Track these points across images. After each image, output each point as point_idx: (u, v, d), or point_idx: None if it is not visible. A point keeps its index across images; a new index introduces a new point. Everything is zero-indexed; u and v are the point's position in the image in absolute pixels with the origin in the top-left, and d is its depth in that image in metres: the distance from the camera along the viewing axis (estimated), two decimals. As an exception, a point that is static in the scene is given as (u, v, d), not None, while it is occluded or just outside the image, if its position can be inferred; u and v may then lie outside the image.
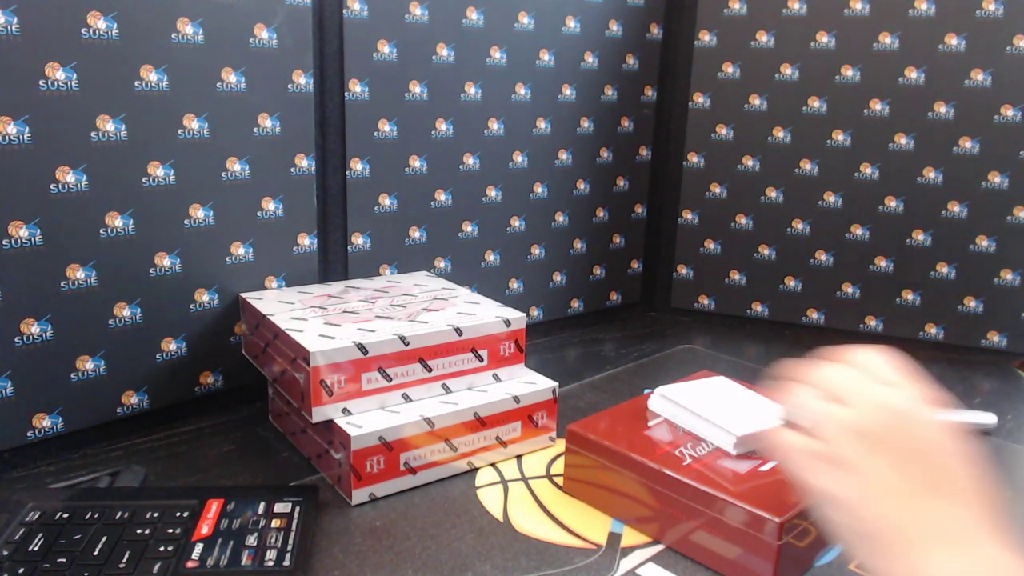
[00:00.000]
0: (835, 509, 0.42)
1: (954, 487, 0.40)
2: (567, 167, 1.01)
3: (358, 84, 0.81)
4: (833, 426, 0.44)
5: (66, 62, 0.63)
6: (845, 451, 0.42)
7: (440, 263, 0.92)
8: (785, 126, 1.02)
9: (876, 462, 0.41)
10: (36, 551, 0.51)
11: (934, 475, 0.41)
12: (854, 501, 0.41)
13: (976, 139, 0.94)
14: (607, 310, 1.11)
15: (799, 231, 1.04)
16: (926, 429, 0.42)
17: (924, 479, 0.40)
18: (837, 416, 0.44)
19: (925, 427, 0.42)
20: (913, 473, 0.40)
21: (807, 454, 0.44)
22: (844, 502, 0.42)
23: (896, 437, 0.42)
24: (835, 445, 0.43)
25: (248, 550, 0.52)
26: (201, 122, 0.71)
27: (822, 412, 0.44)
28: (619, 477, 0.61)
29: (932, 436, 0.42)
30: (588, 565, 0.56)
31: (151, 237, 0.71)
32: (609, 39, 1.00)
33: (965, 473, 0.41)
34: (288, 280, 0.81)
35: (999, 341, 0.97)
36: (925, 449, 0.41)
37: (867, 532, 0.40)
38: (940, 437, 0.42)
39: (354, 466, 0.61)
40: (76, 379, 0.68)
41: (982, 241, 0.96)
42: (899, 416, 0.42)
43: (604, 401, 0.83)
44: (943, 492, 0.40)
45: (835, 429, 0.43)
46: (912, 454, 0.41)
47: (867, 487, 0.41)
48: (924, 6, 0.93)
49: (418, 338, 0.67)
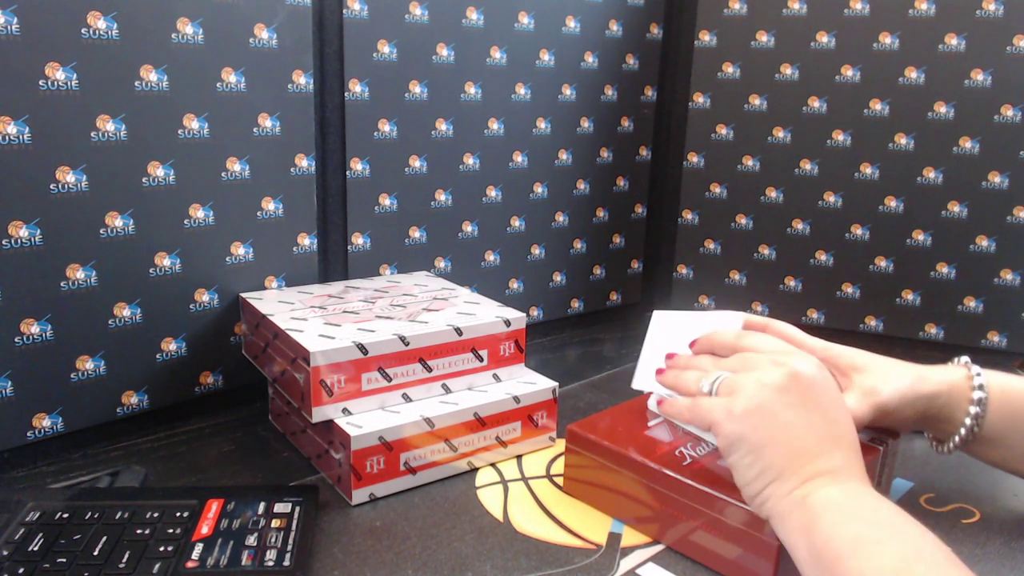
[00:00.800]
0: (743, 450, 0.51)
1: (840, 437, 0.51)
2: (567, 167, 1.01)
3: (358, 84, 0.81)
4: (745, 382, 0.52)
5: (66, 62, 0.63)
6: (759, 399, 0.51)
7: (440, 263, 0.92)
8: (785, 126, 1.02)
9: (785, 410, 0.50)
10: (36, 551, 0.51)
11: (828, 426, 0.50)
12: (762, 442, 0.50)
13: (976, 139, 0.94)
14: (607, 310, 1.11)
15: (799, 231, 1.04)
16: (824, 387, 0.52)
17: (821, 428, 0.50)
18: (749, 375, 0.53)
19: (823, 385, 0.52)
20: (814, 422, 0.50)
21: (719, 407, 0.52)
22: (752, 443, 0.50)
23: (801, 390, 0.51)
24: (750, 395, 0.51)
25: (248, 550, 0.52)
26: (201, 122, 0.71)
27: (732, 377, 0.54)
28: (619, 477, 0.61)
29: (829, 392, 0.52)
30: (588, 565, 0.56)
31: (151, 237, 0.71)
32: (609, 39, 1.00)
33: (845, 424, 0.52)
34: (288, 280, 0.81)
35: (999, 341, 0.97)
36: (823, 403, 0.51)
37: (767, 469, 0.49)
38: (833, 393, 0.52)
39: (354, 466, 0.61)
40: (76, 379, 0.68)
41: (982, 241, 0.96)
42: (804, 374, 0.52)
43: (604, 401, 0.83)
44: (833, 440, 0.50)
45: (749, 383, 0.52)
46: (814, 405, 0.51)
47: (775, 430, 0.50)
48: (924, 6, 0.93)
49: (418, 338, 0.67)
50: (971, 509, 0.64)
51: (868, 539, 0.44)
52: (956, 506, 0.65)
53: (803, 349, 0.59)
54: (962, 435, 0.59)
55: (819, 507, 0.47)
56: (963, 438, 0.59)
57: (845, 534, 0.45)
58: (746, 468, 0.51)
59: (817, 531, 0.46)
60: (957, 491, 0.67)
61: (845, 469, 0.49)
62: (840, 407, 0.52)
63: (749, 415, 0.51)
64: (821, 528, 0.46)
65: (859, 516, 0.46)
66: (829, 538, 0.45)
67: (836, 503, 0.47)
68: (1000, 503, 0.65)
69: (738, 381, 0.53)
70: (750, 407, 0.51)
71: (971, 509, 0.64)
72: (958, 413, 0.59)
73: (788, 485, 0.49)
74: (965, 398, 0.59)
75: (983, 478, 0.69)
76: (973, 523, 0.62)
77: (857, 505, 0.47)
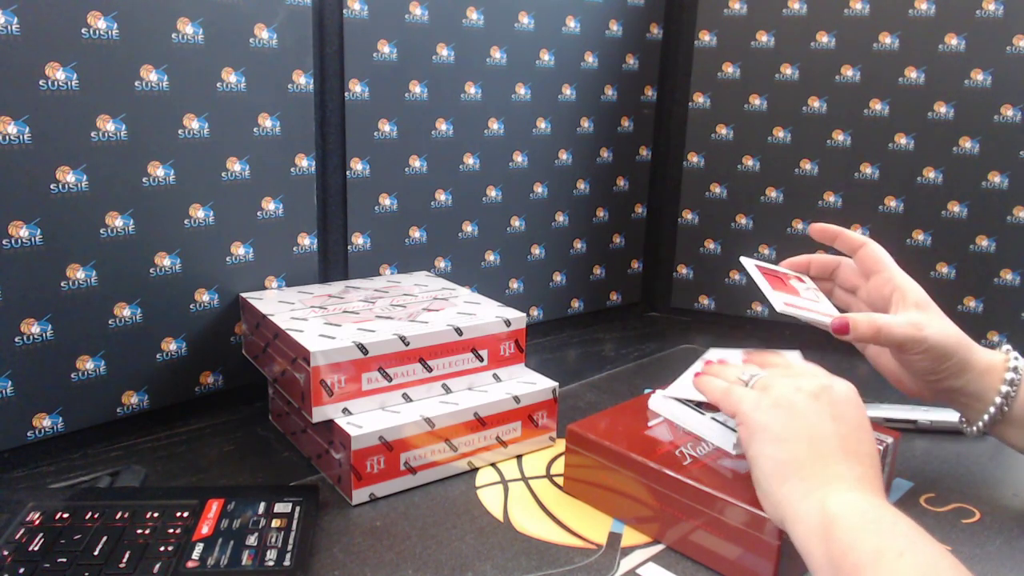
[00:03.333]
0: (766, 441, 0.51)
1: (864, 454, 0.50)
2: (567, 167, 1.01)
3: (358, 84, 0.81)
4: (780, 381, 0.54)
5: (66, 62, 0.63)
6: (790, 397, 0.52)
7: (440, 263, 0.92)
8: (785, 126, 1.02)
9: (813, 415, 0.51)
10: (36, 551, 0.51)
11: (851, 441, 0.51)
12: (787, 436, 0.51)
13: (976, 139, 0.94)
14: (607, 310, 1.12)
15: (799, 231, 1.04)
16: (854, 406, 0.53)
17: (845, 440, 0.50)
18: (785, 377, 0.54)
19: (853, 404, 0.53)
20: (840, 432, 0.51)
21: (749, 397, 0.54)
22: (775, 435, 0.51)
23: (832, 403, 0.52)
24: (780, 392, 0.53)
25: (248, 550, 0.52)
26: (201, 122, 0.71)
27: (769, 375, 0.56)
28: (619, 477, 0.61)
29: (857, 412, 0.53)
30: (588, 565, 0.56)
31: (151, 237, 0.71)
32: (609, 39, 1.00)
33: (870, 445, 0.51)
34: (288, 280, 0.81)
35: (999, 341, 0.97)
36: (850, 419, 0.52)
37: (787, 464, 0.50)
38: (861, 413, 0.53)
39: (354, 466, 0.61)
40: (76, 379, 0.68)
41: (982, 241, 0.96)
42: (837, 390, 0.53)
43: (604, 401, 0.83)
44: (856, 454, 0.50)
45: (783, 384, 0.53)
46: (841, 419, 0.51)
47: (801, 429, 0.51)
48: (924, 6, 0.93)
49: (418, 338, 0.67)
50: (971, 509, 0.64)
51: (889, 551, 0.43)
52: (956, 506, 0.65)
53: (884, 273, 0.63)
54: (991, 413, 0.60)
55: (838, 513, 0.46)
56: (992, 416, 0.60)
57: (865, 545, 0.44)
58: (766, 459, 0.51)
59: (835, 539, 0.45)
60: (957, 491, 0.67)
61: (865, 481, 0.49)
62: (867, 429, 0.52)
63: (777, 409, 0.52)
64: (839, 536, 0.45)
65: (879, 527, 0.45)
66: (848, 548, 0.44)
67: (856, 510, 0.46)
68: (1000, 503, 0.65)
69: (774, 381, 0.54)
70: (780, 402, 0.52)
71: (971, 509, 0.64)
72: (989, 391, 0.60)
73: (807, 485, 0.48)
74: (998, 377, 0.60)
75: (983, 478, 0.69)
76: (973, 523, 0.62)
77: (877, 515, 0.46)
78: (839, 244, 0.67)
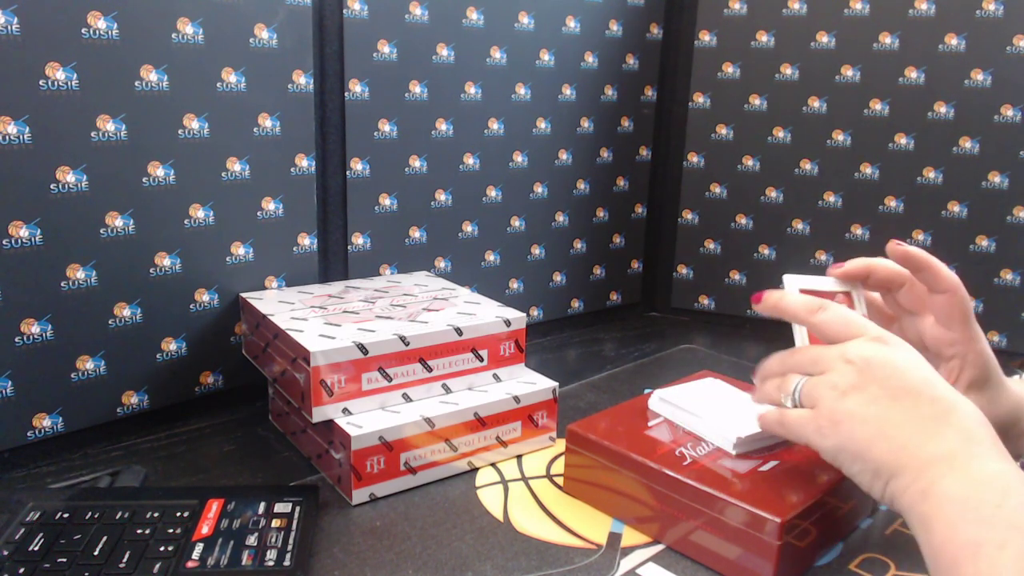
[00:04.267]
0: (849, 460, 0.48)
1: (946, 414, 0.46)
2: (567, 167, 1.01)
3: (358, 84, 0.81)
4: (822, 391, 0.50)
5: (66, 62, 0.63)
6: (841, 407, 0.48)
7: (440, 263, 0.92)
8: (785, 126, 1.02)
9: (871, 407, 0.47)
10: (36, 551, 0.51)
11: (926, 407, 0.46)
12: (862, 447, 0.47)
13: (976, 139, 0.94)
14: (607, 310, 1.11)
15: (799, 231, 1.04)
16: (906, 367, 0.48)
17: (918, 411, 0.46)
18: (822, 382, 0.50)
19: (904, 366, 0.48)
20: (907, 407, 0.46)
21: (807, 423, 0.50)
22: (853, 451, 0.47)
23: (882, 380, 0.47)
24: (830, 406, 0.49)
25: (248, 550, 0.52)
26: (201, 122, 0.71)
27: (808, 384, 0.51)
28: (619, 477, 0.61)
29: (914, 372, 0.48)
30: (588, 565, 0.56)
31: (151, 237, 0.71)
32: (609, 39, 1.00)
33: (951, 398, 0.46)
34: (288, 280, 0.81)
35: (999, 341, 0.97)
36: (911, 385, 0.47)
37: (879, 471, 0.46)
38: (921, 371, 0.48)
39: (354, 466, 0.61)
40: (76, 379, 0.68)
41: (982, 241, 0.96)
42: (877, 362, 0.48)
43: (604, 401, 0.83)
44: (938, 420, 0.45)
45: (825, 393, 0.49)
46: (901, 391, 0.47)
47: (870, 431, 0.47)
48: (924, 6, 0.93)
49: (418, 338, 0.67)
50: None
51: (988, 543, 0.40)
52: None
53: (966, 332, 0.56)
54: None
55: (937, 504, 0.43)
56: None
57: (963, 537, 0.41)
58: (859, 475, 0.48)
59: (935, 531, 0.43)
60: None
61: (962, 449, 0.44)
62: (934, 381, 0.47)
63: (838, 427, 0.48)
64: (938, 528, 0.43)
65: (979, 515, 0.41)
66: (946, 540, 0.42)
67: (955, 498, 0.43)
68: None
69: (815, 390, 0.50)
70: (835, 418, 0.48)
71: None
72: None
73: (905, 480, 0.45)
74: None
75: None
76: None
77: (979, 500, 0.42)
78: (923, 278, 0.57)
